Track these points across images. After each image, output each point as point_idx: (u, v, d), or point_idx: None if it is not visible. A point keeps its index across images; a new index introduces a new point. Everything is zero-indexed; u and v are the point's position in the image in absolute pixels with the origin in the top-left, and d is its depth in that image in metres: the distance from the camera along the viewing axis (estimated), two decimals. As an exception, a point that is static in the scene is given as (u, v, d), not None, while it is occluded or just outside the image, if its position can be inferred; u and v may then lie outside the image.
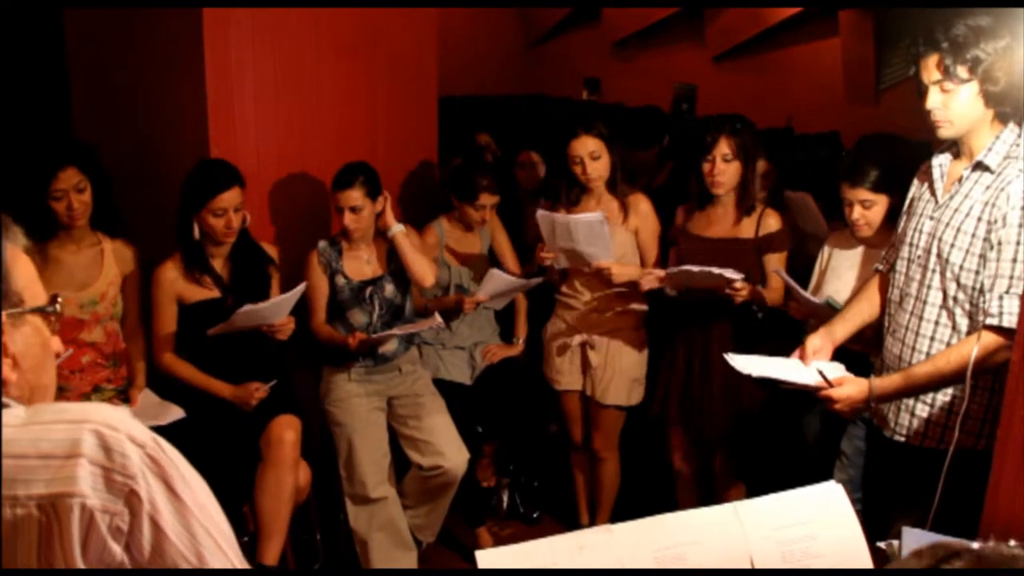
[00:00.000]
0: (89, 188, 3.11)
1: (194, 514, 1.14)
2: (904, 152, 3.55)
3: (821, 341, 2.66)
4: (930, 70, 2.32)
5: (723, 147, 3.34)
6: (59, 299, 1.23)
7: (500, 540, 3.92)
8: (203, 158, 3.35)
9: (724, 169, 3.35)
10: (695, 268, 3.28)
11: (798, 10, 8.53)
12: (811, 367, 2.60)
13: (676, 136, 5.06)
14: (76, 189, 3.07)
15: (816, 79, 8.72)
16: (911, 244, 2.53)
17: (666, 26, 9.81)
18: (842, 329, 2.73)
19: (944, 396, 2.46)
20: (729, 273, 3.20)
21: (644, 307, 3.71)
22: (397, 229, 3.47)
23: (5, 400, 1.15)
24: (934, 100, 2.33)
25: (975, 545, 0.89)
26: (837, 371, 2.58)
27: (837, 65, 8.57)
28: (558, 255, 3.54)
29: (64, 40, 3.84)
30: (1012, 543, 0.89)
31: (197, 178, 3.18)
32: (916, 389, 2.44)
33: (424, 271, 3.52)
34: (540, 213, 3.48)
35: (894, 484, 2.63)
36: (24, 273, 1.19)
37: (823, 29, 8.66)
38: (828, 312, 3.17)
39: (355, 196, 3.37)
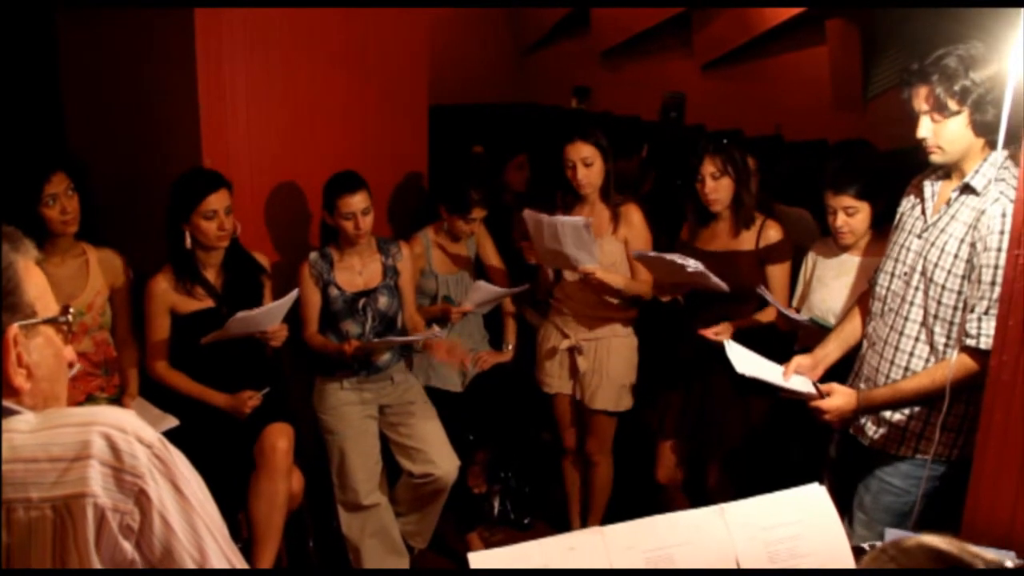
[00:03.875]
0: (77, 196, 3.11)
1: (196, 510, 1.19)
2: (883, 159, 3.62)
3: (811, 363, 2.72)
4: (920, 100, 2.37)
5: (708, 166, 3.39)
6: (71, 310, 1.29)
7: (491, 546, 3.90)
8: (197, 167, 3.37)
9: (715, 187, 3.39)
10: (651, 253, 3.37)
11: (785, 18, 8.59)
12: (802, 378, 2.68)
13: (658, 145, 5.10)
14: (67, 194, 3.07)
15: (804, 87, 8.77)
16: (897, 260, 2.58)
17: (654, 35, 9.85)
18: (836, 350, 2.80)
19: (921, 406, 2.51)
20: (679, 259, 3.24)
21: (634, 314, 3.74)
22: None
23: (17, 407, 1.18)
24: (925, 129, 2.38)
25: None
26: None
27: (824, 73, 8.63)
28: (543, 256, 3.57)
29: (57, 52, 3.86)
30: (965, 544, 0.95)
31: (184, 185, 3.19)
32: (902, 402, 2.50)
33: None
34: (527, 212, 3.51)
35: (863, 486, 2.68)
36: (36, 285, 1.24)
37: (810, 38, 8.71)
38: (812, 329, 3.22)
39: (364, 199, 3.40)
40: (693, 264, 3.22)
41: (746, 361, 2.73)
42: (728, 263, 3.38)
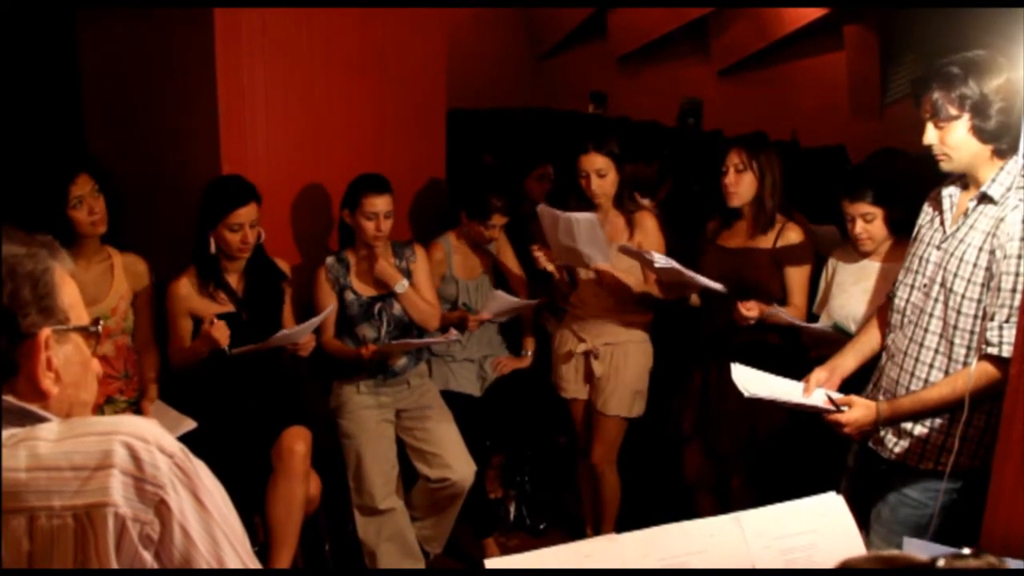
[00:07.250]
0: (103, 196, 3.12)
1: (216, 521, 1.20)
2: (904, 165, 3.59)
3: (828, 373, 2.70)
4: (924, 107, 2.40)
5: (734, 158, 3.36)
6: (101, 321, 1.31)
7: (507, 551, 3.93)
8: (217, 173, 3.39)
9: (737, 180, 3.36)
10: (632, 248, 3.39)
11: (803, 24, 8.57)
12: (817, 392, 2.65)
13: (676, 151, 5.07)
14: (93, 195, 3.08)
15: (821, 93, 8.75)
16: (916, 272, 2.56)
17: (671, 41, 9.86)
18: (852, 360, 2.77)
19: (942, 419, 2.49)
20: (646, 254, 3.26)
21: (649, 318, 3.74)
22: (402, 287, 3.53)
23: (45, 414, 1.21)
24: (930, 136, 2.41)
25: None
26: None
27: (842, 79, 8.62)
28: (558, 253, 3.58)
29: (77, 54, 3.88)
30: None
31: (214, 193, 3.22)
32: (923, 413, 2.48)
33: (427, 318, 3.61)
34: (542, 207, 3.53)
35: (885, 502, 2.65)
36: (70, 294, 1.27)
37: (828, 43, 8.70)
38: (835, 336, 3.19)
39: (388, 203, 3.43)
40: (661, 260, 3.24)
41: (753, 382, 2.70)
42: (744, 260, 3.38)
